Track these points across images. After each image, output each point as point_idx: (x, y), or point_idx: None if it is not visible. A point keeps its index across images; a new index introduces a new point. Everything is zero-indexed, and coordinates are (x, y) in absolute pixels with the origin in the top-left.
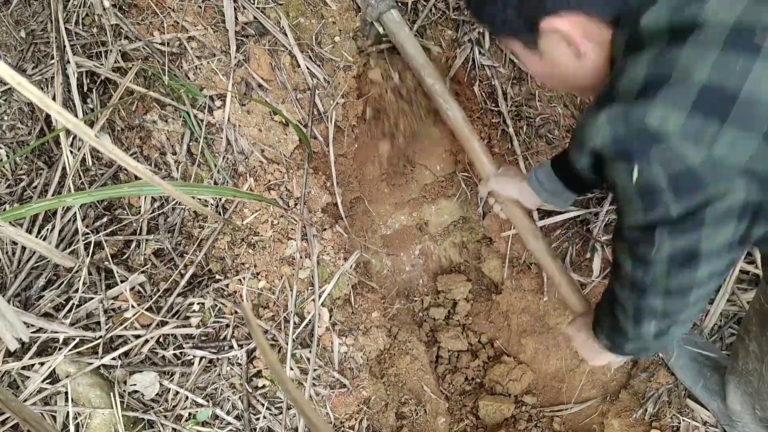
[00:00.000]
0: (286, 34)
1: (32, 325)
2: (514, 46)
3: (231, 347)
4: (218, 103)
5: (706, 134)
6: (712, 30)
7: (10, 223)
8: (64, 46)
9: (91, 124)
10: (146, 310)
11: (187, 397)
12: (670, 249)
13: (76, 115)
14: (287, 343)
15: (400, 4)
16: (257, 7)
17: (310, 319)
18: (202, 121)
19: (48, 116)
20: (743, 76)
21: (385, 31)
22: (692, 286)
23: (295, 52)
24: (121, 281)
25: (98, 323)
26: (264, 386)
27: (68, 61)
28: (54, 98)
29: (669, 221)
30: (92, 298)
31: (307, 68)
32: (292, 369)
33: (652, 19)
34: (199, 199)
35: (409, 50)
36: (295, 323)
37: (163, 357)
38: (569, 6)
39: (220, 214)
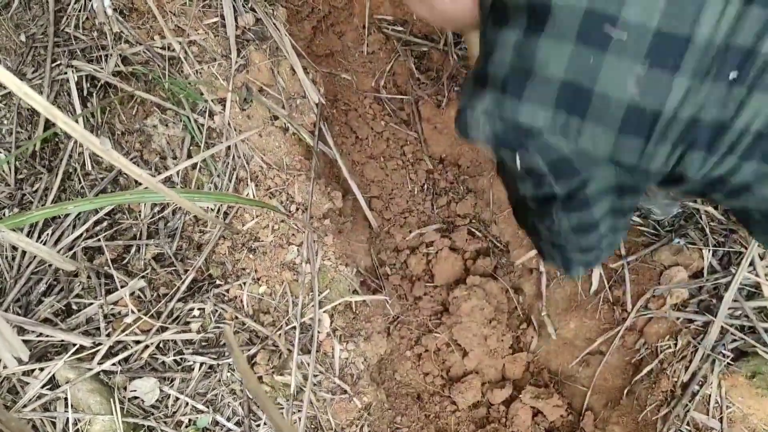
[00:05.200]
0: (284, 42)
1: (32, 331)
2: None
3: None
4: (218, 107)
5: (571, 129)
6: (565, 18)
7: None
8: (53, 51)
9: (92, 129)
10: (146, 315)
11: (187, 403)
12: (567, 223)
13: (75, 120)
14: (289, 349)
15: None
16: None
17: (310, 325)
18: (202, 125)
19: (48, 120)
20: (595, 72)
21: None
22: (600, 237)
23: (292, 60)
24: (121, 286)
25: (98, 329)
26: (265, 392)
27: (68, 66)
28: (55, 102)
29: (559, 198)
30: (92, 304)
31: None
32: (294, 375)
33: None
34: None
35: None
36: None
37: (164, 363)
38: None
39: (220, 219)
